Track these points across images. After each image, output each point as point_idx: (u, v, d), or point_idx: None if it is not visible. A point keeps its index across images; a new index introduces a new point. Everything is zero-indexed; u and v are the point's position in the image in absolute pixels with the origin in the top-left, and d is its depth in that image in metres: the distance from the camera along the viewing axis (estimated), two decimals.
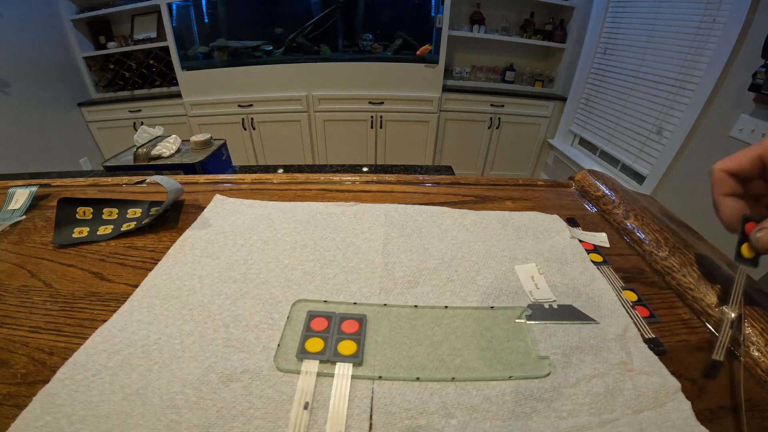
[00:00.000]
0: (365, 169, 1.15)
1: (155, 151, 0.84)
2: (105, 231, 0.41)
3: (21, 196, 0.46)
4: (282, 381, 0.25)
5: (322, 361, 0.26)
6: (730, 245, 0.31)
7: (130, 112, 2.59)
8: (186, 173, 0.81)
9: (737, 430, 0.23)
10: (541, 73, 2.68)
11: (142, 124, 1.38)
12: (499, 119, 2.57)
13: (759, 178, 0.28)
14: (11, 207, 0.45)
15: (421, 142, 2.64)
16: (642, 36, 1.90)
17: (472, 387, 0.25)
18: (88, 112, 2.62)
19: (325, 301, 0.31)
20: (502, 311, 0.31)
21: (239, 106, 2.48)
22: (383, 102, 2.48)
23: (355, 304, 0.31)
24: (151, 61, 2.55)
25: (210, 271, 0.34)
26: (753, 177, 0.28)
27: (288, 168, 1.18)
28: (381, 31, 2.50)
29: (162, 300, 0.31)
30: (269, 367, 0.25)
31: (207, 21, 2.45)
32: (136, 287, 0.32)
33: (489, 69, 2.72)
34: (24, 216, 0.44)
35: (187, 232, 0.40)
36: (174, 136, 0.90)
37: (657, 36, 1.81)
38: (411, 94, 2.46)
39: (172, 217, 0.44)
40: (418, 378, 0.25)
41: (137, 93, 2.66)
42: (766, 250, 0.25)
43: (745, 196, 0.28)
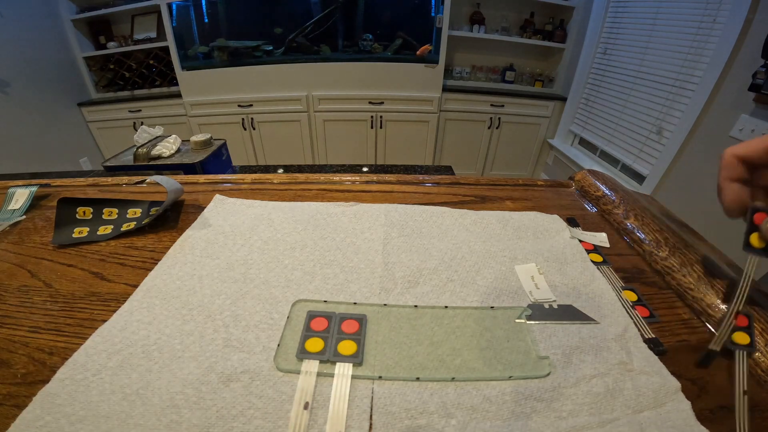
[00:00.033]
0: (365, 169, 1.14)
1: (155, 151, 0.84)
2: (105, 231, 0.41)
3: (21, 196, 0.46)
4: (282, 381, 0.25)
5: (322, 361, 0.26)
6: (730, 245, 0.31)
7: (130, 112, 2.58)
8: (186, 173, 0.81)
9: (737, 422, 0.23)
10: (541, 73, 2.68)
11: (142, 124, 1.38)
12: (499, 119, 2.57)
13: None
14: (11, 207, 0.45)
15: (421, 142, 2.64)
16: (642, 36, 1.90)
17: (472, 387, 0.25)
18: (88, 112, 2.62)
19: (325, 301, 0.31)
20: (502, 311, 0.31)
21: (239, 106, 2.48)
22: (383, 102, 2.48)
23: (355, 304, 0.31)
24: (151, 61, 2.55)
25: (210, 271, 0.34)
26: (763, 166, 0.28)
27: (288, 168, 1.18)
28: (381, 31, 2.50)
29: (162, 300, 0.31)
30: (269, 367, 0.25)
31: (207, 21, 2.45)
32: (136, 287, 0.32)
33: (489, 69, 2.72)
34: (24, 216, 0.44)
35: (187, 232, 0.40)
36: (174, 136, 0.90)
37: (657, 36, 1.81)
38: (411, 94, 2.46)
39: (172, 217, 0.44)
40: (418, 378, 0.25)
41: (137, 93, 2.66)
42: None
43: (752, 185, 0.28)
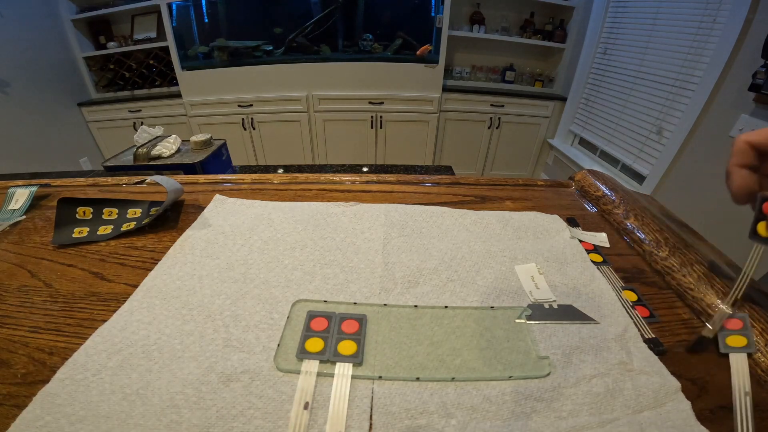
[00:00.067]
0: (365, 169, 1.14)
1: (155, 151, 0.84)
2: (105, 231, 0.41)
3: (21, 196, 0.46)
4: (282, 381, 0.25)
5: (322, 361, 0.26)
6: (730, 245, 0.31)
7: (130, 112, 2.58)
8: (186, 173, 0.81)
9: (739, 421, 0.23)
10: (541, 73, 2.68)
11: (142, 124, 1.38)
12: (499, 119, 2.57)
13: None
14: (11, 207, 0.45)
15: (421, 142, 2.63)
16: (642, 36, 1.90)
17: (472, 387, 0.25)
18: (88, 112, 2.61)
19: (325, 301, 0.31)
20: (502, 311, 0.31)
21: (239, 106, 2.48)
22: (383, 102, 2.48)
23: (355, 304, 0.31)
24: (151, 61, 2.55)
25: (210, 271, 0.34)
26: None
27: (288, 168, 1.18)
28: (381, 31, 2.50)
29: (162, 300, 0.31)
30: (269, 367, 0.25)
31: (207, 21, 2.45)
32: (136, 287, 0.32)
33: (489, 69, 2.72)
34: (24, 216, 0.44)
35: (187, 232, 0.40)
36: (174, 136, 0.90)
37: (657, 36, 1.81)
38: (411, 94, 2.46)
39: (172, 217, 0.44)
40: (418, 378, 0.25)
41: (137, 93, 2.65)
42: None
43: (761, 174, 0.28)
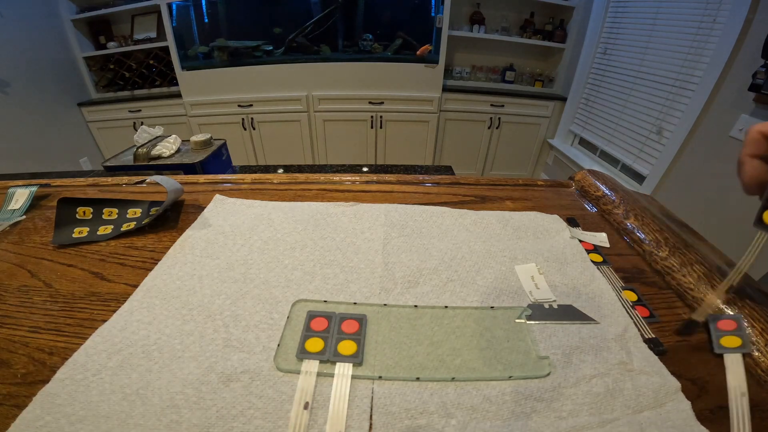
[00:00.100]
0: (365, 169, 1.14)
1: (155, 151, 0.84)
2: (105, 231, 0.41)
3: (21, 196, 0.46)
4: (282, 381, 0.25)
5: (322, 361, 0.26)
6: (730, 245, 0.31)
7: (130, 112, 2.58)
8: (186, 173, 0.81)
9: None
10: (541, 73, 2.68)
11: (142, 124, 1.38)
12: (499, 119, 2.57)
13: None
14: (11, 207, 0.45)
15: (421, 142, 2.63)
16: (642, 36, 1.90)
17: (472, 387, 0.25)
18: (88, 112, 2.61)
19: (325, 301, 0.31)
20: (502, 311, 0.31)
21: (239, 106, 2.48)
22: (383, 102, 2.48)
23: (355, 304, 0.31)
24: (151, 61, 2.55)
25: (210, 271, 0.34)
26: None
27: (288, 168, 1.18)
28: (381, 31, 2.50)
29: (162, 300, 0.31)
30: (269, 367, 0.25)
31: (207, 21, 2.45)
32: (136, 287, 0.32)
33: (489, 69, 2.72)
34: (24, 216, 0.44)
35: (187, 232, 0.40)
36: (174, 136, 0.90)
37: (657, 36, 1.81)
38: (411, 94, 2.46)
39: (172, 217, 0.44)
40: (418, 378, 0.25)
41: (137, 93, 2.65)
42: None
43: None
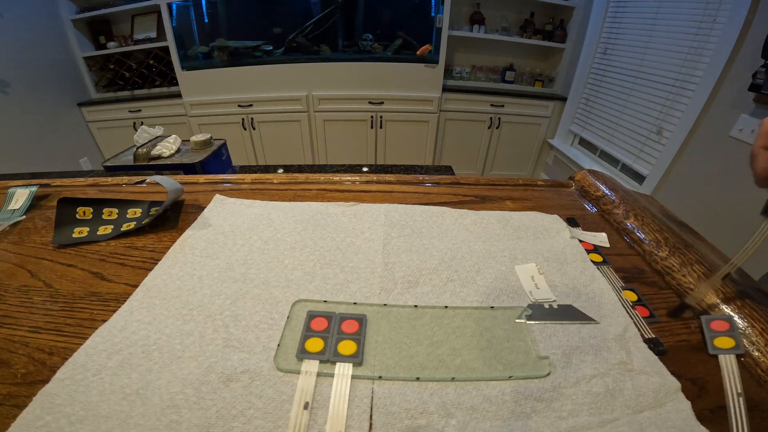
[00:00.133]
0: (365, 169, 1.14)
1: (155, 151, 0.84)
2: (105, 231, 0.41)
3: (21, 196, 0.46)
4: (282, 381, 0.25)
5: (322, 361, 0.26)
6: (730, 245, 0.31)
7: (130, 112, 2.58)
8: (186, 173, 0.81)
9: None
10: (541, 73, 2.68)
11: (142, 124, 1.38)
12: (499, 119, 2.57)
13: None
14: (11, 207, 0.45)
15: (421, 142, 2.63)
16: (642, 36, 1.90)
17: (472, 387, 0.25)
18: (88, 112, 2.61)
19: (325, 301, 0.31)
20: (502, 311, 0.31)
21: (239, 106, 2.48)
22: (383, 102, 2.48)
23: (355, 304, 0.31)
24: (151, 61, 2.55)
25: (210, 271, 0.34)
26: None
27: (288, 168, 1.18)
28: (381, 31, 2.50)
29: (162, 300, 0.31)
30: (269, 367, 0.25)
31: (207, 21, 2.44)
32: (136, 287, 0.32)
33: (489, 69, 2.72)
34: (24, 216, 0.44)
35: (187, 232, 0.40)
36: (174, 136, 0.90)
37: (657, 36, 1.81)
38: (411, 94, 2.46)
39: (172, 217, 0.44)
40: (418, 378, 0.25)
41: (137, 93, 2.65)
42: None
43: None
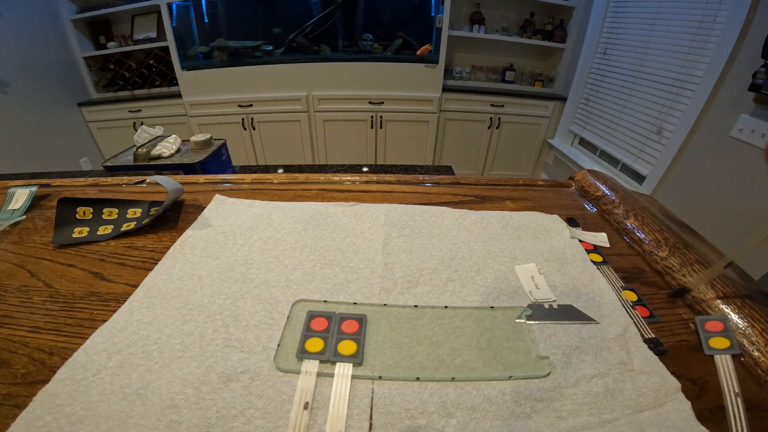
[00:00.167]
0: (365, 169, 1.14)
1: (155, 151, 0.84)
2: (105, 231, 0.41)
3: (21, 196, 0.46)
4: (282, 381, 0.25)
5: (322, 361, 0.26)
6: (730, 245, 0.31)
7: (130, 112, 2.58)
8: (186, 173, 0.81)
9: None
10: (541, 73, 2.68)
11: (142, 124, 1.38)
12: (499, 119, 2.57)
13: None
14: (11, 207, 0.45)
15: (421, 142, 2.63)
16: (642, 36, 1.90)
17: (472, 387, 0.25)
18: (88, 112, 2.61)
19: (325, 301, 0.31)
20: (502, 311, 0.31)
21: (239, 106, 2.48)
22: (383, 102, 2.48)
23: (355, 304, 0.31)
24: (151, 61, 2.55)
25: (210, 271, 0.34)
26: None
27: (288, 168, 1.18)
28: (381, 31, 2.50)
29: (162, 300, 0.31)
30: (269, 367, 0.25)
31: (207, 21, 2.45)
32: (136, 287, 0.32)
33: (489, 69, 2.72)
34: (24, 216, 0.44)
35: (187, 232, 0.40)
36: (174, 136, 0.90)
37: (657, 36, 1.81)
38: (411, 94, 2.46)
39: (172, 217, 0.44)
40: (418, 378, 0.25)
41: (137, 93, 2.65)
42: None
43: None
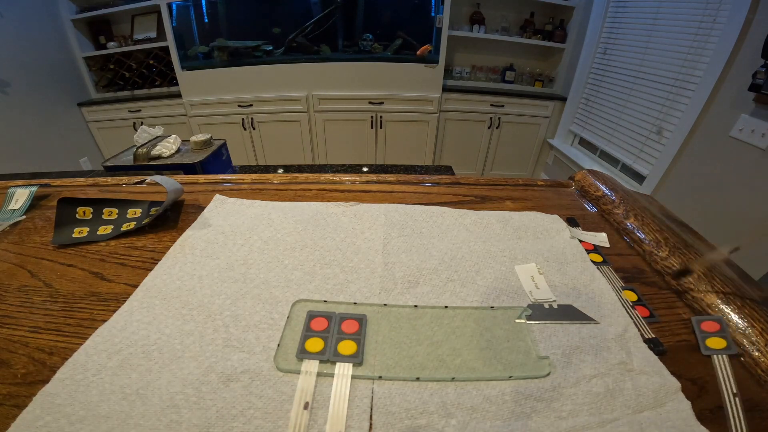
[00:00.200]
0: (365, 169, 1.14)
1: (155, 151, 0.84)
2: (105, 231, 0.41)
3: (21, 196, 0.46)
4: (282, 381, 0.25)
5: (322, 361, 0.26)
6: (730, 245, 0.31)
7: (130, 112, 2.58)
8: (186, 173, 0.81)
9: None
10: (541, 73, 2.68)
11: (142, 124, 1.38)
12: (499, 119, 2.57)
13: None
14: (11, 207, 0.45)
15: (421, 142, 2.64)
16: (642, 36, 1.90)
17: (472, 387, 0.25)
18: (88, 112, 2.61)
19: (325, 301, 0.31)
20: (502, 311, 0.31)
21: (239, 106, 2.48)
22: (383, 102, 2.48)
23: (355, 304, 0.31)
24: (151, 61, 2.55)
25: (210, 271, 0.34)
26: None
27: (288, 168, 1.18)
28: (381, 31, 2.50)
29: (162, 300, 0.31)
30: (269, 367, 0.25)
31: (207, 21, 2.45)
32: (136, 287, 0.32)
33: (489, 69, 2.72)
34: (24, 216, 0.44)
35: (187, 232, 0.40)
36: (174, 136, 0.90)
37: (657, 36, 1.81)
38: (411, 94, 2.46)
39: (172, 217, 0.44)
40: (418, 378, 0.25)
41: (137, 93, 2.65)
42: None
43: None
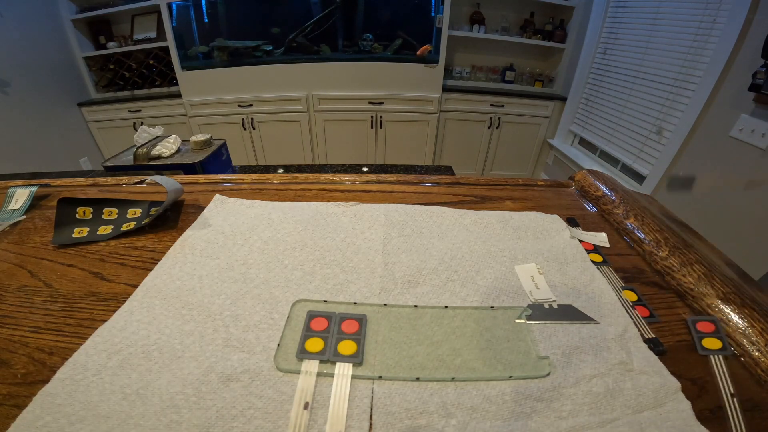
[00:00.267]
0: (365, 169, 1.14)
1: (155, 151, 0.84)
2: (105, 231, 0.41)
3: (21, 196, 0.46)
4: (282, 381, 0.25)
5: (322, 361, 0.26)
6: (730, 245, 0.31)
7: (130, 112, 2.58)
8: (186, 173, 0.81)
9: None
10: (541, 73, 2.68)
11: (142, 124, 1.38)
12: (499, 119, 2.57)
13: None
14: (11, 207, 0.45)
15: (421, 142, 2.64)
16: (642, 36, 1.90)
17: (472, 387, 0.25)
18: (88, 112, 2.62)
19: (325, 301, 0.31)
20: (502, 311, 0.31)
21: (239, 106, 2.48)
22: (383, 102, 2.48)
23: (355, 304, 0.31)
24: (151, 61, 2.55)
25: (210, 271, 0.34)
26: None
27: (288, 168, 1.18)
28: (381, 31, 2.50)
29: (162, 300, 0.31)
30: (269, 367, 0.25)
31: (207, 21, 2.45)
32: (136, 287, 0.32)
33: (489, 69, 2.72)
34: (24, 216, 0.44)
35: (187, 232, 0.40)
36: (174, 136, 0.90)
37: (657, 36, 1.81)
38: (411, 94, 2.46)
39: (172, 217, 0.44)
40: (418, 378, 0.25)
41: (137, 93, 2.65)
42: None
43: None
